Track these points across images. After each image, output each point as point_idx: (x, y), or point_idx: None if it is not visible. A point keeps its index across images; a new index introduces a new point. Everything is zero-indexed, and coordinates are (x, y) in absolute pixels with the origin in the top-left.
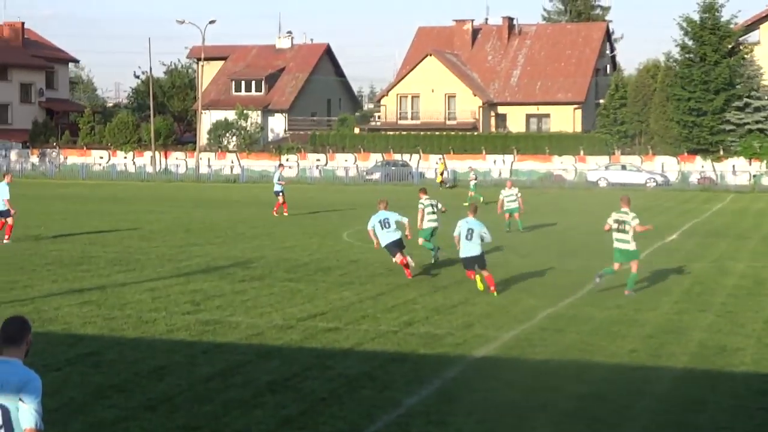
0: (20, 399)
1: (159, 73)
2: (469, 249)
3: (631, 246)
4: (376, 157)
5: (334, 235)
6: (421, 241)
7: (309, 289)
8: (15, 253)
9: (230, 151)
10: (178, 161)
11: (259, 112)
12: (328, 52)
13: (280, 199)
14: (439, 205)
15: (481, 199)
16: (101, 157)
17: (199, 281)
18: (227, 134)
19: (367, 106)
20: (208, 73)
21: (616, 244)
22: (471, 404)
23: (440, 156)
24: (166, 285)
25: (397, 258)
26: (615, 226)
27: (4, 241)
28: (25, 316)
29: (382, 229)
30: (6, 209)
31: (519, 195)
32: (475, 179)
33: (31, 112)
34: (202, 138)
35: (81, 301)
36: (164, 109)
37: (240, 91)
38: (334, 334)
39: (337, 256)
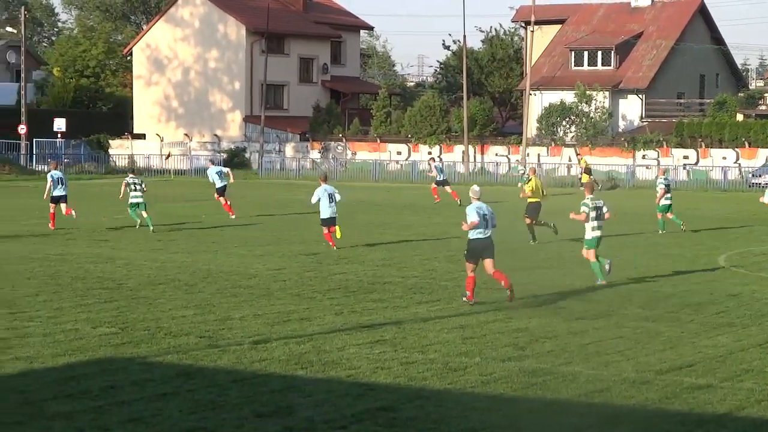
0: None
1: (475, 42)
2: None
3: (603, 232)
4: (767, 154)
5: (706, 258)
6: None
7: (671, 332)
8: (291, 276)
9: (567, 145)
10: (498, 158)
11: (607, 92)
12: (701, 11)
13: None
14: (604, 209)
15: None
16: (399, 153)
17: (524, 318)
18: (564, 122)
19: (756, 84)
20: (540, 41)
21: (595, 233)
22: None
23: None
24: (481, 322)
25: None
26: (593, 214)
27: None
28: None
29: None
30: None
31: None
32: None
33: (312, 94)
34: (531, 127)
35: (371, 340)
36: (481, 90)
37: (581, 65)
38: (705, 394)
39: (711, 287)
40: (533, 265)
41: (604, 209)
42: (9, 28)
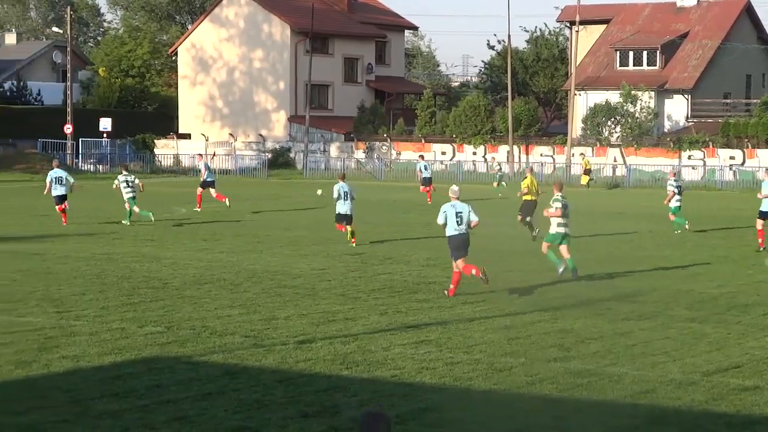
0: None
1: (520, 42)
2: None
3: (569, 229)
4: None
5: (753, 259)
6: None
7: (718, 333)
8: (336, 276)
9: (612, 145)
10: (543, 158)
11: (653, 92)
12: (748, 10)
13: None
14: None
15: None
16: (443, 153)
17: (569, 318)
18: (609, 122)
19: None
20: (585, 41)
21: (560, 229)
22: None
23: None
24: (526, 322)
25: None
26: (564, 210)
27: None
28: (383, 409)
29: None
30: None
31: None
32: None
33: (357, 95)
34: (575, 128)
35: (416, 341)
36: (526, 90)
37: (627, 65)
38: (752, 395)
39: (758, 289)
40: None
41: (570, 208)
42: (55, 29)
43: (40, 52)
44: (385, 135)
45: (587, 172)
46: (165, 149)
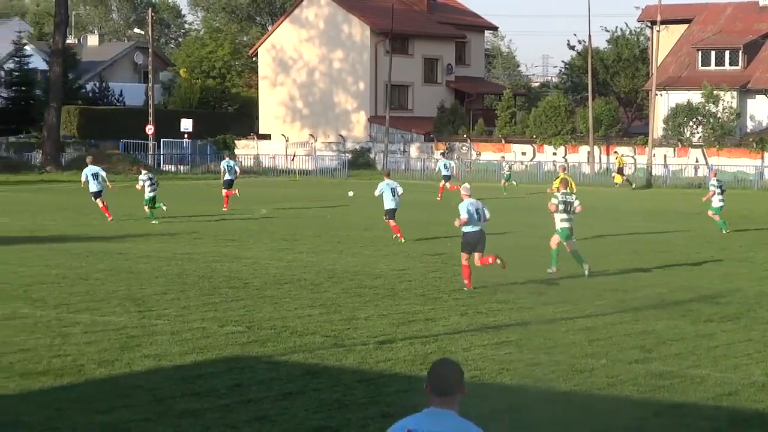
0: None
1: (600, 42)
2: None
3: (572, 224)
4: None
5: None
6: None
7: None
8: (416, 276)
9: (694, 146)
10: (624, 158)
11: (735, 92)
12: None
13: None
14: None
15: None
16: (524, 153)
17: (651, 320)
18: (691, 123)
19: None
20: (666, 41)
21: (563, 224)
22: None
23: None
24: (607, 323)
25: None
26: (561, 207)
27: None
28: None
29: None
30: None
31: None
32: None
33: (437, 95)
34: (657, 128)
35: (496, 341)
36: (607, 90)
37: (708, 64)
38: None
39: None
40: (658, 267)
41: (576, 203)
42: (137, 30)
43: (122, 53)
44: (465, 135)
45: (620, 170)
46: (245, 150)
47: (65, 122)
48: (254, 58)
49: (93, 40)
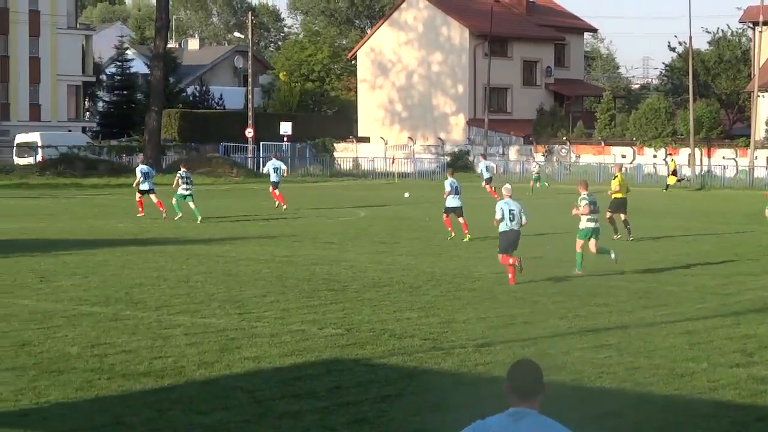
0: None
1: (701, 43)
2: None
3: (598, 224)
4: None
5: None
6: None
7: None
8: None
9: None
10: (725, 161)
11: None
12: None
13: None
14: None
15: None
16: (623, 156)
17: (753, 324)
18: None
19: None
20: None
21: (588, 224)
22: None
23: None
24: (708, 327)
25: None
26: (592, 206)
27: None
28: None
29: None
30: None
31: None
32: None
33: (536, 98)
34: (759, 130)
35: (596, 345)
36: (708, 92)
37: None
38: None
39: None
40: (763, 271)
41: (597, 204)
42: (237, 34)
43: (222, 57)
44: (564, 138)
45: (674, 173)
46: (344, 153)
47: (166, 126)
48: (353, 61)
49: (193, 44)
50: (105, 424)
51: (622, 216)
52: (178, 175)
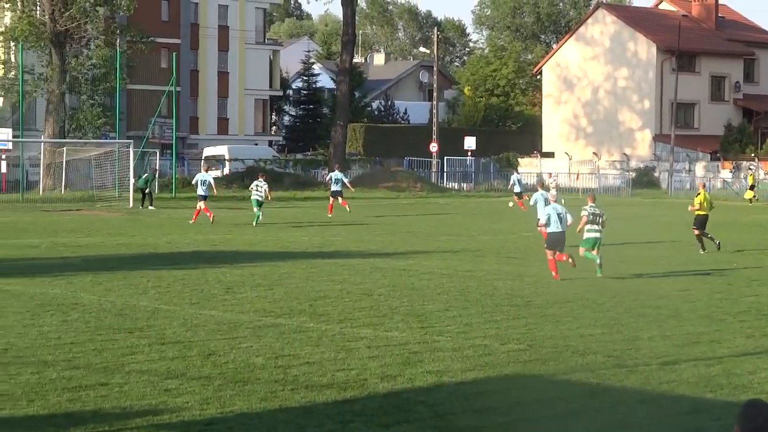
0: None
1: None
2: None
3: (601, 235)
4: None
5: None
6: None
7: None
8: (700, 297)
9: None
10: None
11: None
12: None
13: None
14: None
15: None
16: None
17: None
18: None
19: None
20: None
21: (590, 234)
22: None
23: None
24: None
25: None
26: (591, 218)
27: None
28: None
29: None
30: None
31: None
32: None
33: (724, 113)
34: None
35: None
36: None
37: None
38: None
39: None
40: None
41: (603, 217)
42: (422, 49)
43: (407, 71)
44: (753, 155)
45: (752, 187)
46: (528, 167)
47: (351, 139)
48: (538, 76)
49: (379, 59)
50: None
51: (696, 231)
52: (255, 183)
